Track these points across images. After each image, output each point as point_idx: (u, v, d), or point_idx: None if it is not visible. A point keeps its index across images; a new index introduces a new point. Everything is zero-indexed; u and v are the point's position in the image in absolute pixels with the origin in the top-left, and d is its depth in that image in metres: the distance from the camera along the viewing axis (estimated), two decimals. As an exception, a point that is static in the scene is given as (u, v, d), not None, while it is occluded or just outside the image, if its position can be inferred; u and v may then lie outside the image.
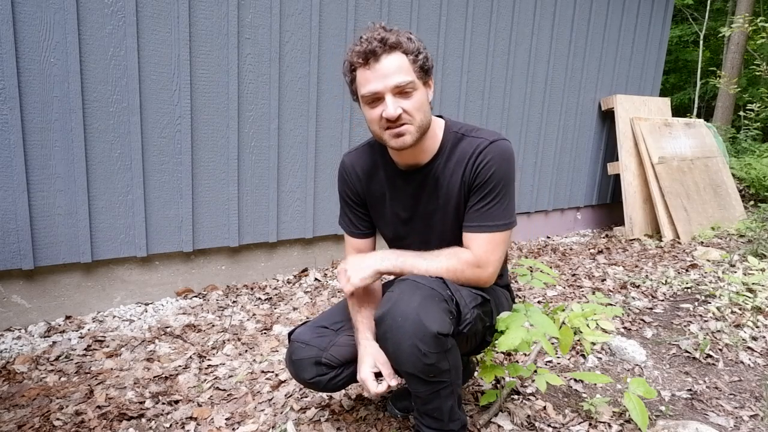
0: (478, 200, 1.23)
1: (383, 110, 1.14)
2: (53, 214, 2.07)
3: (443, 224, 1.31)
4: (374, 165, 1.36)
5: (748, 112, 8.84)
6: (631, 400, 1.44)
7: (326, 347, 1.31)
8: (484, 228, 1.22)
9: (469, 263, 1.22)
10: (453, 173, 1.25)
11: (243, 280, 2.68)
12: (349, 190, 1.40)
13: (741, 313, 2.35)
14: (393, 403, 1.56)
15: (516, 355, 1.96)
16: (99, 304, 2.28)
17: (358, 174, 1.37)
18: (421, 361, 1.09)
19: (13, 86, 1.91)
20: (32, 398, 1.59)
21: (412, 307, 1.08)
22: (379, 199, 1.37)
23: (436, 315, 1.08)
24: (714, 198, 4.35)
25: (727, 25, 9.91)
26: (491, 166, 1.20)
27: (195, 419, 1.53)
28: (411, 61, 1.15)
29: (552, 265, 3.25)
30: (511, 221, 1.24)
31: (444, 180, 1.26)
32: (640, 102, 4.34)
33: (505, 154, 1.22)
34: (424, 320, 1.06)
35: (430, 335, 1.07)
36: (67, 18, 1.98)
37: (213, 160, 2.44)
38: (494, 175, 1.20)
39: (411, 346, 1.08)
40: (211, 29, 2.33)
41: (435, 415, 1.22)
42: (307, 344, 1.31)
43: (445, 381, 1.17)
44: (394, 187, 1.33)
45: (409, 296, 1.10)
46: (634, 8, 4.31)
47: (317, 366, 1.29)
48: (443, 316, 1.10)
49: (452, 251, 1.23)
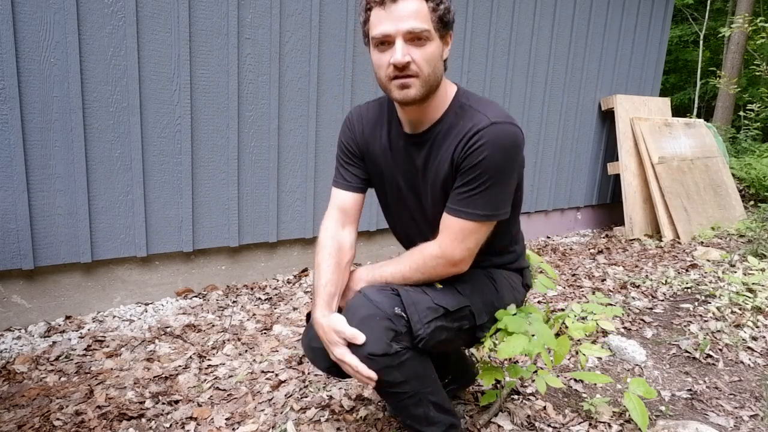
0: (462, 184, 1.13)
1: (392, 56, 1.06)
2: (53, 214, 2.07)
3: (432, 200, 1.23)
4: (380, 122, 1.28)
5: (748, 112, 8.84)
6: (631, 400, 1.44)
7: None
8: (460, 213, 1.13)
9: (435, 256, 1.16)
10: (447, 147, 1.16)
11: (243, 280, 2.68)
12: (350, 141, 1.32)
13: (741, 313, 2.35)
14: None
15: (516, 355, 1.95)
16: (99, 304, 2.28)
17: (363, 127, 1.30)
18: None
19: (13, 86, 1.91)
20: (32, 398, 1.59)
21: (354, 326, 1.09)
22: (378, 158, 1.29)
23: (371, 335, 1.07)
24: (714, 198, 4.35)
25: (727, 25, 9.91)
26: (482, 151, 1.09)
27: (195, 419, 1.53)
28: (431, 9, 1.06)
29: (552, 265, 3.25)
30: (492, 213, 1.14)
31: (439, 152, 1.18)
32: (640, 102, 4.34)
33: (503, 140, 1.09)
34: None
35: (363, 356, 1.08)
36: (67, 18, 1.98)
37: (213, 160, 2.44)
38: (484, 162, 1.09)
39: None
40: (211, 29, 2.33)
41: (408, 423, 1.22)
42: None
43: (405, 392, 1.15)
44: (394, 149, 1.25)
45: (352, 315, 1.11)
46: (634, 8, 4.31)
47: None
48: (381, 335, 1.07)
49: (419, 248, 1.19)
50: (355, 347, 1.09)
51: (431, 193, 1.22)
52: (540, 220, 4.09)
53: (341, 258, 1.26)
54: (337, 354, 1.12)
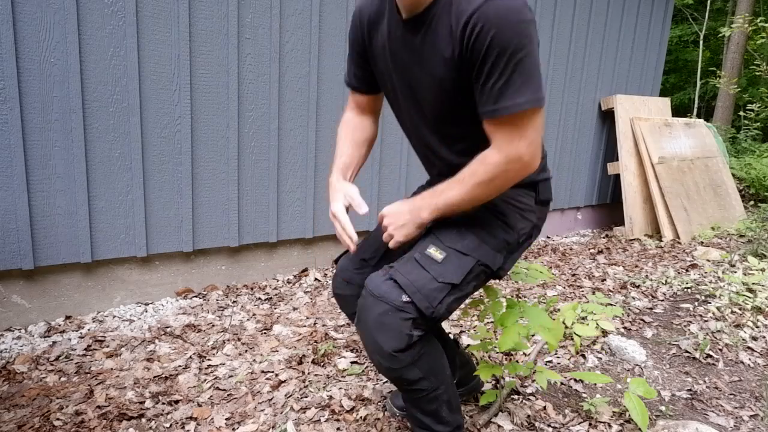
0: (485, 77, 0.99)
1: None
2: (53, 214, 2.07)
3: (433, 97, 1.11)
4: (380, 13, 1.19)
5: (748, 112, 8.84)
6: (631, 400, 1.44)
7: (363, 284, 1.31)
8: (501, 111, 0.99)
9: (498, 164, 1.03)
10: (444, 29, 1.03)
11: (243, 280, 2.68)
12: (355, 38, 1.27)
13: (741, 313, 2.35)
14: (392, 402, 1.56)
15: (516, 354, 1.96)
16: (99, 304, 2.28)
17: (363, 21, 1.23)
18: (389, 374, 1.15)
19: (13, 86, 1.91)
20: (32, 398, 1.59)
21: (369, 329, 1.11)
22: (379, 53, 1.20)
23: (390, 332, 1.09)
24: (714, 198, 4.35)
25: (727, 25, 9.91)
26: (488, 32, 0.95)
27: (195, 419, 1.53)
28: None
29: (552, 265, 3.25)
30: (535, 97, 0.98)
31: (434, 36, 1.05)
32: (640, 102, 4.34)
33: (505, 13, 0.94)
34: (379, 341, 1.10)
35: (387, 355, 1.10)
36: (67, 18, 1.98)
37: (213, 160, 2.44)
38: (494, 42, 0.95)
39: (376, 361, 1.14)
40: (211, 29, 2.33)
41: (419, 419, 1.24)
42: (348, 282, 1.34)
43: (422, 389, 1.17)
44: (392, 39, 1.15)
45: (365, 318, 1.12)
46: (634, 8, 4.31)
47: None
48: (399, 329, 1.08)
49: (478, 160, 1.05)
50: (378, 352, 1.11)
51: (430, 90, 1.11)
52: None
53: (357, 135, 1.31)
54: (334, 208, 1.19)
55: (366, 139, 1.35)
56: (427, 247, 1.14)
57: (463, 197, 1.08)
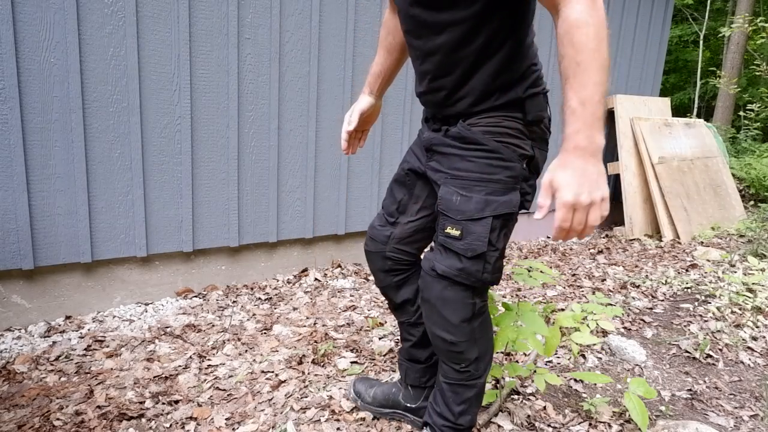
0: None
1: None
2: (53, 214, 2.07)
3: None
4: None
5: (748, 112, 8.85)
6: (631, 400, 1.44)
7: (386, 241, 1.36)
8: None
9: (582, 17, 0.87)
10: None
11: (243, 280, 2.68)
12: None
13: (741, 313, 2.35)
14: (353, 386, 1.60)
15: (516, 355, 1.96)
16: (99, 304, 2.28)
17: None
18: (452, 350, 1.20)
19: (13, 86, 1.91)
20: (32, 398, 1.59)
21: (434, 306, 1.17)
22: None
23: (453, 305, 1.15)
24: (714, 198, 4.35)
25: (727, 25, 9.91)
26: None
27: (195, 419, 1.53)
28: None
29: (552, 265, 3.25)
30: None
31: None
32: (640, 102, 4.34)
33: None
34: (445, 314, 1.16)
35: (455, 326, 1.17)
36: (67, 18, 1.98)
37: (213, 160, 2.44)
38: None
39: (441, 339, 1.20)
40: (211, 29, 2.33)
41: (447, 405, 1.27)
42: (372, 239, 1.39)
43: (471, 372, 1.22)
44: None
45: (429, 294, 1.18)
46: (634, 8, 4.31)
47: (384, 260, 1.37)
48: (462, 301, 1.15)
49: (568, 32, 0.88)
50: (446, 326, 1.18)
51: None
52: (540, 220, 4.09)
53: (390, 39, 1.34)
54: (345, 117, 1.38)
55: (399, 44, 1.34)
56: (444, 228, 1.14)
57: (596, 78, 0.87)
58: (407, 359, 1.47)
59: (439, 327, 1.19)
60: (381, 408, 1.51)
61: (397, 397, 1.49)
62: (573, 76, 0.88)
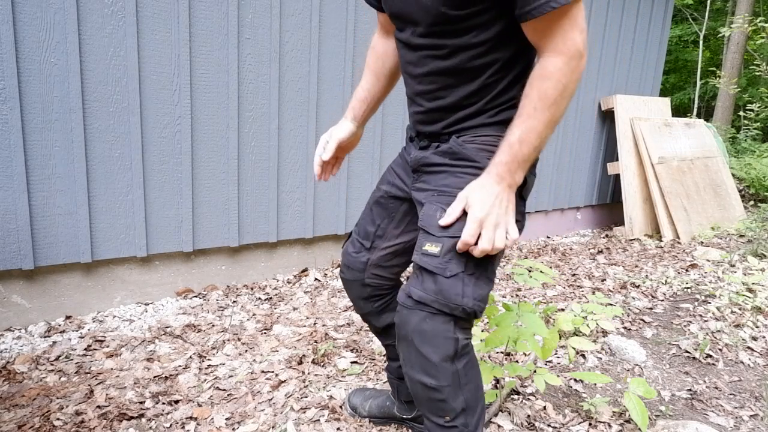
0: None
1: None
2: (53, 214, 2.08)
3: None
4: None
5: (748, 112, 8.85)
6: (631, 400, 1.44)
7: (364, 269, 1.29)
8: (544, 8, 0.86)
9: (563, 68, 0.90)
10: None
11: (243, 280, 2.68)
12: None
13: (741, 313, 2.35)
14: (348, 400, 1.57)
15: (516, 355, 1.96)
16: (99, 304, 2.28)
17: None
18: (433, 397, 1.03)
19: (14, 86, 1.91)
20: (32, 398, 1.59)
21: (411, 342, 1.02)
22: None
23: (433, 340, 1.00)
24: (714, 198, 4.35)
25: (727, 25, 9.91)
26: None
27: (195, 419, 1.53)
28: None
29: (552, 265, 3.25)
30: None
31: None
32: (640, 102, 4.34)
33: None
34: (424, 351, 1.00)
35: (435, 366, 1.00)
36: (67, 18, 1.98)
37: (213, 160, 2.44)
38: None
39: (420, 384, 1.03)
40: (211, 29, 2.33)
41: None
42: (348, 267, 1.31)
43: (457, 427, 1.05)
44: None
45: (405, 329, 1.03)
46: (634, 8, 4.31)
47: (363, 287, 1.31)
48: (443, 335, 1.00)
49: (536, 79, 0.91)
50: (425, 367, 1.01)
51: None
52: (540, 220, 4.10)
53: (379, 65, 1.27)
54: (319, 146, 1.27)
55: (388, 70, 1.27)
56: (422, 245, 1.03)
57: (543, 128, 0.93)
58: (398, 378, 1.42)
59: (418, 369, 1.03)
60: (378, 419, 1.51)
61: (392, 411, 1.47)
62: (525, 116, 0.93)
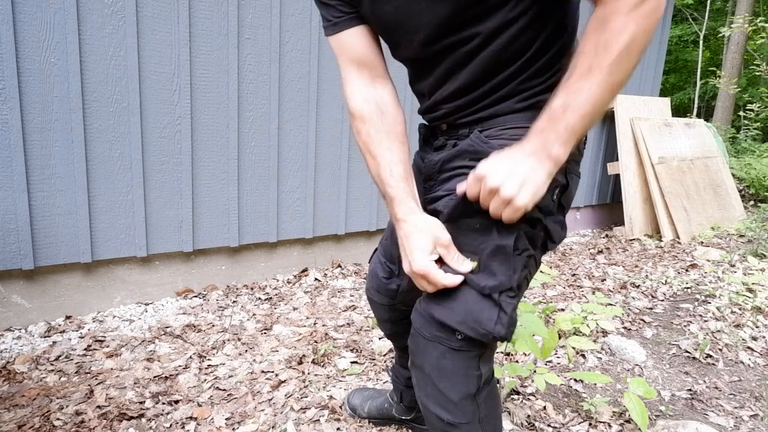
0: None
1: None
2: (53, 214, 2.07)
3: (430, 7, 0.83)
4: None
5: (748, 112, 8.85)
6: (631, 400, 1.44)
7: (395, 295, 1.17)
8: None
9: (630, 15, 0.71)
10: None
11: (243, 280, 2.68)
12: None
13: (741, 313, 2.35)
14: (348, 401, 1.55)
15: (515, 354, 1.96)
16: (99, 304, 2.28)
17: None
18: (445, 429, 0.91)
19: (14, 86, 1.91)
20: (32, 398, 1.59)
21: (428, 377, 0.90)
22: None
23: (453, 377, 0.88)
24: (714, 198, 4.35)
25: (727, 25, 9.91)
26: None
27: (195, 419, 1.53)
28: None
29: (552, 265, 3.25)
30: None
31: None
32: (640, 102, 4.34)
33: None
34: (442, 388, 0.89)
35: (454, 404, 0.89)
36: (67, 18, 1.98)
37: (213, 160, 2.44)
38: None
39: (435, 417, 0.91)
40: (211, 29, 2.33)
41: None
42: (378, 291, 1.20)
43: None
44: None
45: (422, 360, 0.91)
46: (634, 8, 4.31)
47: (393, 311, 1.21)
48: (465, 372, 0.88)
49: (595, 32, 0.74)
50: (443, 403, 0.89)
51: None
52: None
53: (389, 125, 0.95)
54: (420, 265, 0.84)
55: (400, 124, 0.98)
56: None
57: (599, 92, 0.73)
58: (405, 386, 1.37)
59: (434, 402, 0.90)
60: (377, 420, 1.51)
61: (390, 412, 1.47)
62: (577, 76, 0.74)
